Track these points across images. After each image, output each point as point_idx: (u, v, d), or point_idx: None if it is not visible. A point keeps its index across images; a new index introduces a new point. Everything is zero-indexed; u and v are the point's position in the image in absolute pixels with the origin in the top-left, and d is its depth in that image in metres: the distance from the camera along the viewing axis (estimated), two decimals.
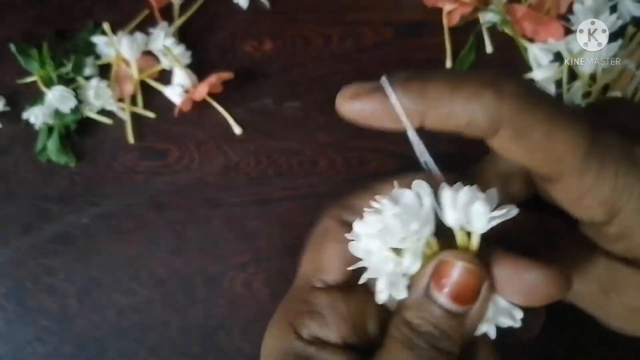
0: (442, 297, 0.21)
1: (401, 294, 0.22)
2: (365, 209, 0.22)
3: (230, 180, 0.42)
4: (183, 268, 0.41)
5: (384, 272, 0.21)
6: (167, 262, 0.41)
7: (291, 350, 0.23)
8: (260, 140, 0.43)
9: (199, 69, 0.44)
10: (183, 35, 0.45)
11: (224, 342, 0.40)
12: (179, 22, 0.45)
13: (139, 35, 0.43)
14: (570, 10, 0.44)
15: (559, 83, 0.42)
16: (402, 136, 0.42)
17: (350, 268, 0.22)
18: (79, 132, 0.43)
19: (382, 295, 0.22)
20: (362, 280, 0.22)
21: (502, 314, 0.22)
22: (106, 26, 0.43)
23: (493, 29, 0.44)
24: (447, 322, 0.21)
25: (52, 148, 0.42)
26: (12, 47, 0.43)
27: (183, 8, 0.45)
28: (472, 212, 0.21)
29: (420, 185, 0.22)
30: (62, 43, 0.44)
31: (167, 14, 0.45)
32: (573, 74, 0.42)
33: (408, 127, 0.23)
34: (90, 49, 0.44)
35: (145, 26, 0.45)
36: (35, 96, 0.42)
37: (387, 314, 0.23)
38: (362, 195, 0.25)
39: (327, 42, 0.44)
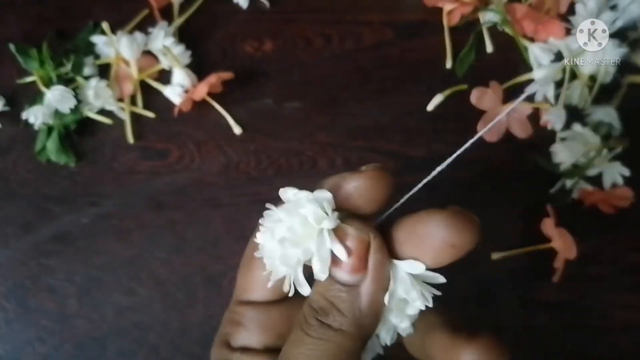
0: (335, 269, 0.21)
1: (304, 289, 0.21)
2: (259, 223, 0.22)
3: (231, 180, 0.42)
4: (183, 268, 0.41)
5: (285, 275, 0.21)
6: (167, 262, 0.41)
7: (221, 357, 0.25)
8: (260, 140, 0.43)
9: (199, 68, 0.44)
10: (183, 35, 0.45)
11: None
12: (178, 21, 0.45)
13: (138, 35, 0.43)
14: (570, 10, 0.44)
15: (559, 83, 0.42)
16: (401, 137, 0.43)
17: (270, 285, 0.22)
18: (78, 132, 0.43)
19: (289, 290, 0.22)
20: (270, 284, 0.22)
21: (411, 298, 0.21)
22: (105, 26, 0.43)
23: (493, 29, 0.44)
24: (340, 294, 0.20)
25: (51, 148, 0.42)
26: (12, 47, 0.43)
27: (183, 8, 0.45)
28: None
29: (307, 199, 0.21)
30: (62, 43, 0.44)
31: (167, 13, 0.45)
32: (574, 74, 0.42)
33: None
34: (90, 49, 0.44)
35: (145, 26, 0.45)
36: (35, 96, 0.42)
37: None
38: None
39: (327, 42, 0.44)
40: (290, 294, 0.21)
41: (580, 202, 0.41)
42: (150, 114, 0.43)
